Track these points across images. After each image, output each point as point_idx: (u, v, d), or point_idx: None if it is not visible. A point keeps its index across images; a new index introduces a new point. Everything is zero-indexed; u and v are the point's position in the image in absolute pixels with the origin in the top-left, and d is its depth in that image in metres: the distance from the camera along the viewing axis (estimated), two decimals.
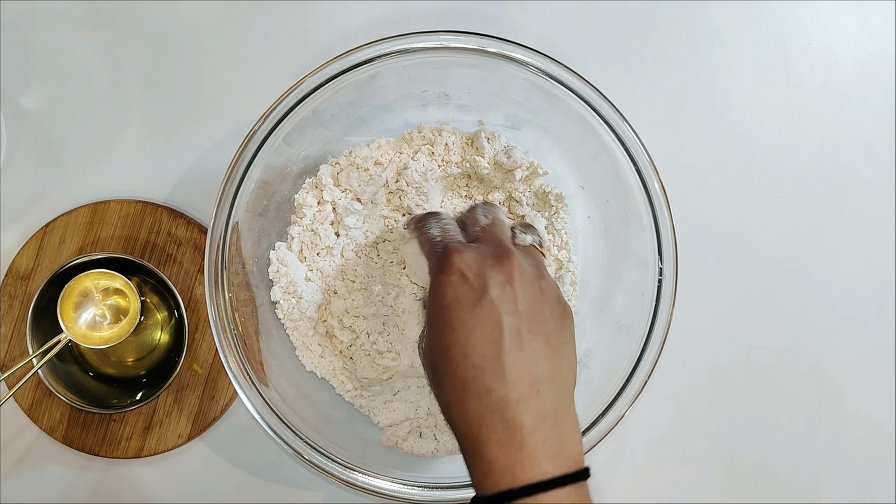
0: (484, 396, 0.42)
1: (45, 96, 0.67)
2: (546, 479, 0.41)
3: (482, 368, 0.42)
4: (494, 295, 0.44)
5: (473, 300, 0.44)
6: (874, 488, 0.66)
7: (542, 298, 0.46)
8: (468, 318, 0.44)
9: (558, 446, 0.42)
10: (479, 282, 0.45)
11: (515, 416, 0.42)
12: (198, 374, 0.63)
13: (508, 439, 0.41)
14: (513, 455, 0.41)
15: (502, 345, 0.43)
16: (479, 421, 0.42)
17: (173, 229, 0.64)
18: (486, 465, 0.42)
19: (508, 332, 0.43)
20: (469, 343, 0.43)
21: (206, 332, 0.63)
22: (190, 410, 0.63)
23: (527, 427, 0.41)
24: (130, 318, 0.61)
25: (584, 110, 0.57)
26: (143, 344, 0.65)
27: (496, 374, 0.42)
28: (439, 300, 0.45)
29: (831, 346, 0.67)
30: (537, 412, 0.42)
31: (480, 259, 0.46)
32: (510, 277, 0.45)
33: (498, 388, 0.42)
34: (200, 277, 0.64)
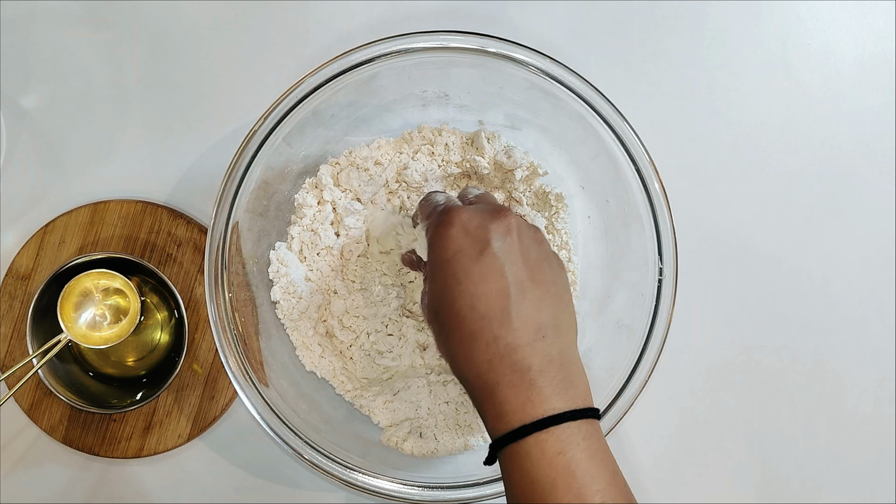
0: (492, 344, 0.43)
1: (45, 96, 0.67)
2: (556, 413, 0.42)
3: (489, 318, 0.43)
4: (496, 246, 0.45)
5: (477, 252, 0.45)
6: (874, 488, 0.66)
7: (538, 250, 0.47)
8: (473, 269, 0.44)
9: (566, 385, 0.43)
10: (481, 233, 0.45)
11: (523, 358, 0.43)
12: (198, 374, 0.63)
13: (518, 380, 0.42)
14: (523, 394, 0.42)
15: (508, 294, 0.44)
16: (487, 367, 0.43)
17: (173, 229, 0.64)
18: (498, 407, 0.43)
19: (513, 282, 0.44)
20: (475, 294, 0.44)
21: (206, 332, 0.63)
22: (190, 410, 0.63)
23: (534, 368, 0.43)
24: (130, 319, 0.61)
25: (584, 110, 0.57)
26: (143, 344, 0.64)
27: (503, 323, 0.43)
28: (442, 253, 0.46)
29: (831, 345, 0.67)
30: (544, 355, 0.43)
31: (480, 214, 0.47)
32: (509, 229, 0.46)
33: (505, 335, 0.43)
34: (200, 277, 0.64)
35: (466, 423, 0.59)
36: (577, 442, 0.41)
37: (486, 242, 0.45)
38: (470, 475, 0.56)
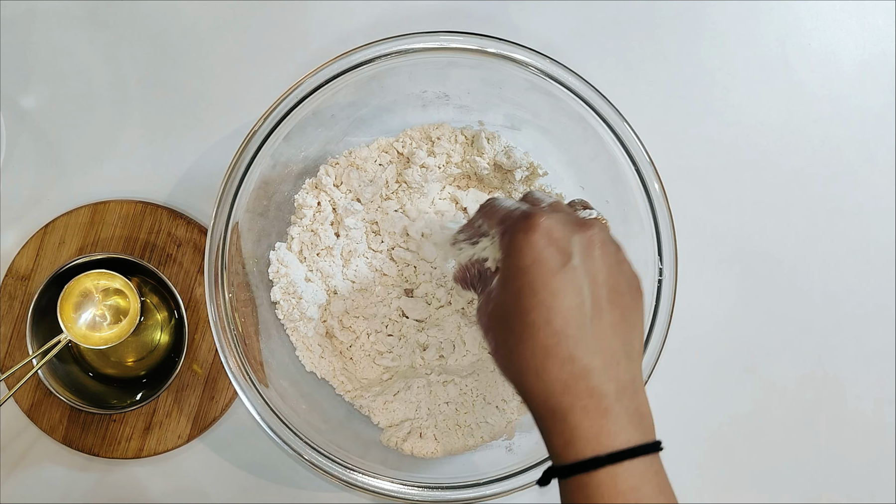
0: (568, 363, 0.41)
1: (44, 96, 0.67)
2: (630, 447, 0.40)
3: (566, 335, 0.41)
4: (578, 260, 0.43)
5: (557, 263, 0.42)
6: (874, 488, 0.66)
7: (619, 270, 0.44)
8: (551, 281, 0.42)
9: (639, 416, 0.42)
10: (563, 244, 0.43)
11: (601, 383, 0.41)
12: (198, 374, 0.63)
13: (594, 406, 0.41)
14: (598, 422, 0.40)
15: (585, 313, 0.42)
16: (562, 388, 0.41)
17: (173, 229, 0.64)
18: (570, 433, 0.41)
19: (591, 301, 0.42)
20: (552, 307, 0.42)
21: (206, 333, 0.63)
22: (190, 411, 0.63)
23: (611, 395, 0.41)
24: (130, 319, 0.61)
25: (584, 110, 0.57)
26: (142, 344, 0.64)
27: (580, 342, 0.41)
28: (520, 260, 0.43)
29: (831, 345, 0.67)
30: (619, 381, 0.41)
31: (563, 223, 0.44)
32: (592, 244, 0.43)
33: (582, 356, 0.41)
34: (200, 278, 0.64)
35: (466, 423, 0.59)
36: (650, 478, 0.40)
37: (567, 255, 0.42)
38: (470, 475, 0.56)
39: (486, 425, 0.59)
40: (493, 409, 0.60)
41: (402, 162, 0.63)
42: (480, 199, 0.64)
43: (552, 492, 0.66)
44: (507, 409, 0.60)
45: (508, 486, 0.55)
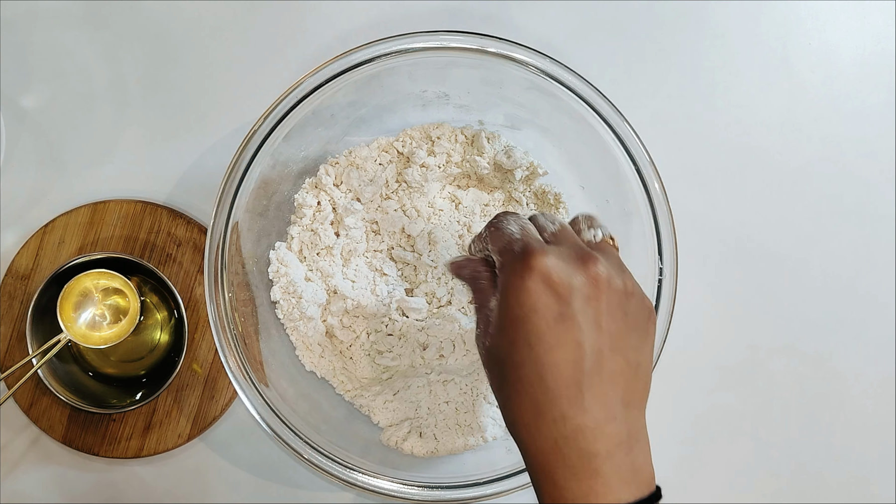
0: (559, 422, 0.40)
1: (45, 96, 0.67)
2: None
3: (558, 394, 0.40)
4: (577, 309, 0.40)
5: (555, 315, 0.40)
6: (874, 488, 0.66)
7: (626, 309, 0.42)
8: (547, 334, 0.40)
9: (632, 472, 0.40)
10: (563, 290, 0.40)
11: (591, 443, 0.40)
12: (198, 374, 0.63)
13: (582, 467, 0.39)
14: (586, 483, 0.39)
15: (582, 368, 0.40)
16: (551, 446, 0.40)
17: (173, 229, 0.64)
18: (558, 493, 0.40)
19: (590, 353, 0.40)
20: (546, 363, 0.40)
21: (206, 332, 0.63)
22: (190, 410, 0.63)
23: (601, 455, 0.40)
24: (130, 319, 0.61)
25: (584, 110, 0.57)
26: (142, 344, 0.64)
27: (573, 401, 0.40)
28: (515, 309, 0.41)
29: (832, 345, 0.67)
30: (613, 438, 0.40)
31: (564, 263, 0.41)
32: (596, 286, 0.41)
33: (574, 416, 0.40)
34: (200, 277, 0.64)
35: (466, 422, 0.59)
36: None
37: (566, 303, 0.40)
38: (470, 475, 0.56)
39: (487, 424, 0.59)
40: (494, 408, 0.60)
41: (402, 161, 0.63)
42: (480, 198, 0.64)
43: None
44: None
45: (508, 485, 0.55)
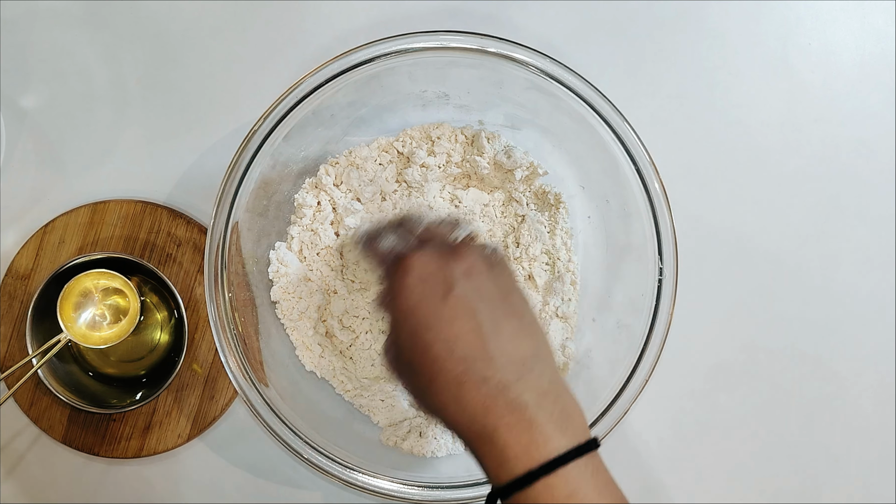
0: (482, 385, 0.41)
1: (45, 96, 0.67)
2: (562, 453, 0.40)
3: (472, 358, 0.42)
4: (460, 287, 0.43)
5: (441, 296, 0.43)
6: (874, 488, 0.66)
7: (505, 282, 0.45)
8: (441, 312, 0.42)
9: (565, 418, 0.41)
10: (441, 277, 0.43)
11: (518, 395, 0.41)
12: (198, 373, 0.63)
13: (517, 420, 0.41)
14: (525, 436, 0.40)
15: (483, 332, 0.42)
16: (482, 410, 0.41)
17: (173, 229, 0.64)
18: (499, 452, 0.41)
19: (485, 320, 0.42)
20: (450, 337, 0.42)
21: (206, 332, 0.63)
22: (190, 410, 0.63)
23: (531, 405, 0.41)
24: (130, 319, 0.61)
25: (584, 110, 0.57)
26: (142, 344, 0.64)
27: (488, 362, 0.41)
28: (404, 304, 0.44)
29: (831, 345, 0.67)
30: (537, 388, 0.41)
31: (436, 256, 0.44)
32: (471, 269, 0.44)
33: (493, 374, 0.41)
34: (200, 277, 0.64)
35: None
36: (587, 479, 0.40)
37: (448, 286, 0.43)
38: (470, 475, 0.56)
39: None
40: None
41: (402, 161, 0.63)
42: (480, 198, 0.64)
43: None
44: None
45: None
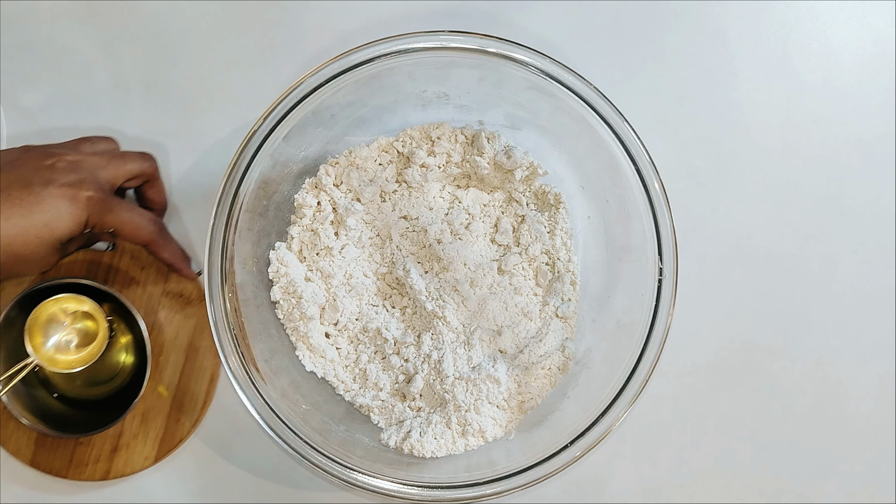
0: None
1: (45, 95, 0.67)
2: None
3: None
4: None
5: None
6: (874, 488, 0.66)
7: None
8: None
9: None
10: None
11: None
12: (163, 396, 0.63)
13: None
14: None
15: None
16: None
17: (137, 252, 0.64)
18: None
19: None
20: None
21: (172, 355, 0.63)
22: (157, 433, 0.63)
23: None
24: (98, 344, 0.60)
25: (584, 110, 0.57)
26: (109, 367, 0.64)
27: None
28: None
29: (831, 345, 0.67)
30: None
31: None
32: None
33: None
34: (165, 300, 0.63)
35: (466, 422, 0.59)
36: None
37: None
38: (470, 475, 0.56)
39: (487, 425, 0.59)
40: (494, 408, 0.60)
41: (402, 161, 0.63)
42: (480, 198, 0.64)
43: (551, 492, 0.66)
44: (507, 409, 0.60)
45: (508, 485, 0.55)
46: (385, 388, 0.61)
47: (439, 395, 0.60)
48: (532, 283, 0.63)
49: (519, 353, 0.60)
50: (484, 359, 0.61)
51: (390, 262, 0.63)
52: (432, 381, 0.60)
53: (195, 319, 0.64)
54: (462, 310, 0.61)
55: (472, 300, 0.61)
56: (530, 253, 0.62)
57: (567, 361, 0.61)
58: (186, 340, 0.63)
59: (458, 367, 0.60)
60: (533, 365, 0.60)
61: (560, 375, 0.61)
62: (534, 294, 0.63)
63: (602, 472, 0.66)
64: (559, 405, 0.60)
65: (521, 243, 0.63)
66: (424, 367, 0.60)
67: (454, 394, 0.59)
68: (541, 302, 0.62)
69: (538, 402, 0.60)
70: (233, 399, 0.64)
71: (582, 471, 0.65)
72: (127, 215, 0.57)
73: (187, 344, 0.63)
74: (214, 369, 0.64)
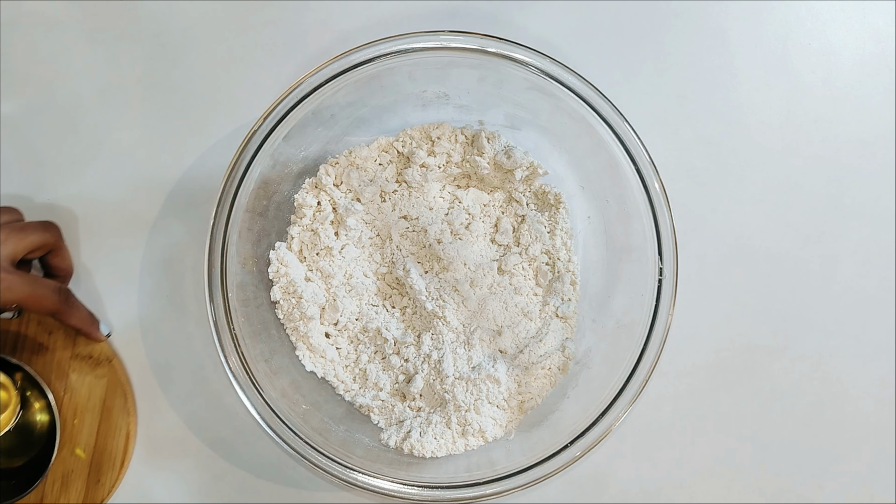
0: None
1: (45, 95, 0.67)
2: None
3: None
4: None
5: None
6: (874, 488, 0.66)
7: None
8: None
9: None
10: None
11: None
12: (82, 458, 0.62)
13: None
14: None
15: None
16: None
17: (43, 318, 0.63)
18: None
19: None
20: None
21: (86, 416, 0.63)
22: (77, 496, 0.62)
23: None
24: (8, 415, 0.59)
25: (584, 110, 0.57)
26: (27, 433, 0.63)
27: None
28: None
29: (831, 345, 0.67)
30: None
31: None
32: None
33: None
34: (74, 363, 0.63)
35: (466, 422, 0.59)
36: None
37: None
38: (470, 475, 0.56)
39: (487, 425, 0.59)
40: (494, 408, 0.60)
41: (402, 161, 0.63)
42: (480, 198, 0.64)
43: (551, 492, 0.66)
44: (507, 409, 0.60)
45: (508, 485, 0.55)
46: (385, 388, 0.61)
47: (439, 395, 0.60)
48: (532, 283, 0.63)
49: (519, 353, 0.60)
50: (484, 359, 0.61)
51: (390, 262, 0.63)
52: (432, 381, 0.60)
53: (106, 379, 0.64)
54: (462, 310, 0.61)
55: (472, 300, 0.61)
56: (530, 253, 0.62)
57: (567, 361, 0.61)
58: (99, 401, 0.63)
59: (458, 367, 0.60)
60: (533, 365, 0.60)
61: (560, 375, 0.61)
62: (534, 294, 0.63)
63: (602, 472, 0.66)
64: (559, 405, 0.60)
65: (521, 243, 0.63)
66: (424, 367, 0.60)
67: (454, 394, 0.59)
68: (541, 302, 0.62)
69: (538, 402, 0.60)
70: (233, 399, 0.64)
71: (582, 471, 0.65)
72: (29, 289, 0.57)
73: (101, 404, 0.63)
74: (130, 428, 0.64)
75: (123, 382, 0.64)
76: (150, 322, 0.65)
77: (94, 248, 0.66)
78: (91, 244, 0.66)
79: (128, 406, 0.63)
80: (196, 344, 0.65)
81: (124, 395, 0.63)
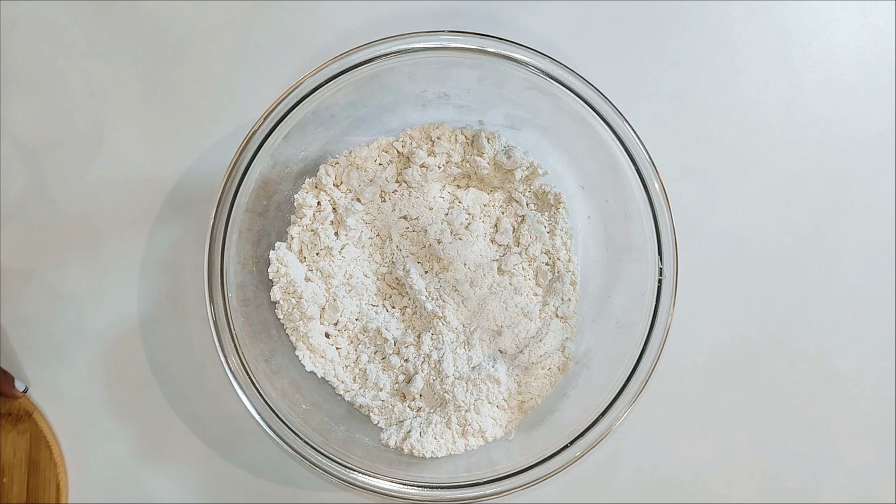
0: None
1: (44, 95, 0.67)
2: None
3: None
4: None
5: None
6: (874, 488, 0.66)
7: None
8: None
9: None
10: None
11: None
12: None
13: None
14: None
15: None
16: None
17: None
18: None
19: None
20: None
21: (15, 473, 0.63)
22: None
23: None
24: None
25: (584, 110, 0.57)
26: None
27: None
28: None
29: (831, 345, 0.67)
30: None
31: None
32: None
33: None
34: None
35: (466, 422, 0.59)
36: None
37: None
38: (470, 475, 0.56)
39: (487, 425, 0.59)
40: (494, 408, 0.60)
41: (402, 161, 0.63)
42: (480, 198, 0.64)
43: (550, 492, 0.66)
44: (507, 409, 0.60)
45: (508, 485, 0.55)
46: (385, 388, 0.61)
47: (439, 395, 0.60)
48: (532, 283, 0.63)
49: (519, 353, 0.60)
50: (484, 359, 0.61)
51: (390, 262, 0.63)
52: (432, 381, 0.60)
53: (29, 434, 0.63)
54: (462, 310, 0.61)
55: (472, 300, 0.61)
56: (530, 253, 0.63)
57: (567, 361, 0.61)
58: (25, 456, 0.63)
59: (458, 367, 0.60)
60: (533, 365, 0.60)
61: (560, 375, 0.61)
62: (534, 294, 0.63)
63: (602, 472, 0.66)
64: (559, 405, 0.60)
65: (521, 243, 0.63)
66: (424, 367, 0.60)
67: (454, 394, 0.59)
68: (541, 302, 0.62)
69: (538, 402, 0.61)
70: (233, 399, 0.64)
71: (582, 471, 0.65)
72: None
73: (27, 459, 0.63)
74: (59, 478, 0.63)
75: (46, 434, 0.64)
76: (150, 322, 0.65)
77: (93, 248, 0.66)
78: (91, 244, 0.66)
79: (54, 458, 0.63)
80: (196, 344, 0.65)
81: (48, 447, 0.63)
